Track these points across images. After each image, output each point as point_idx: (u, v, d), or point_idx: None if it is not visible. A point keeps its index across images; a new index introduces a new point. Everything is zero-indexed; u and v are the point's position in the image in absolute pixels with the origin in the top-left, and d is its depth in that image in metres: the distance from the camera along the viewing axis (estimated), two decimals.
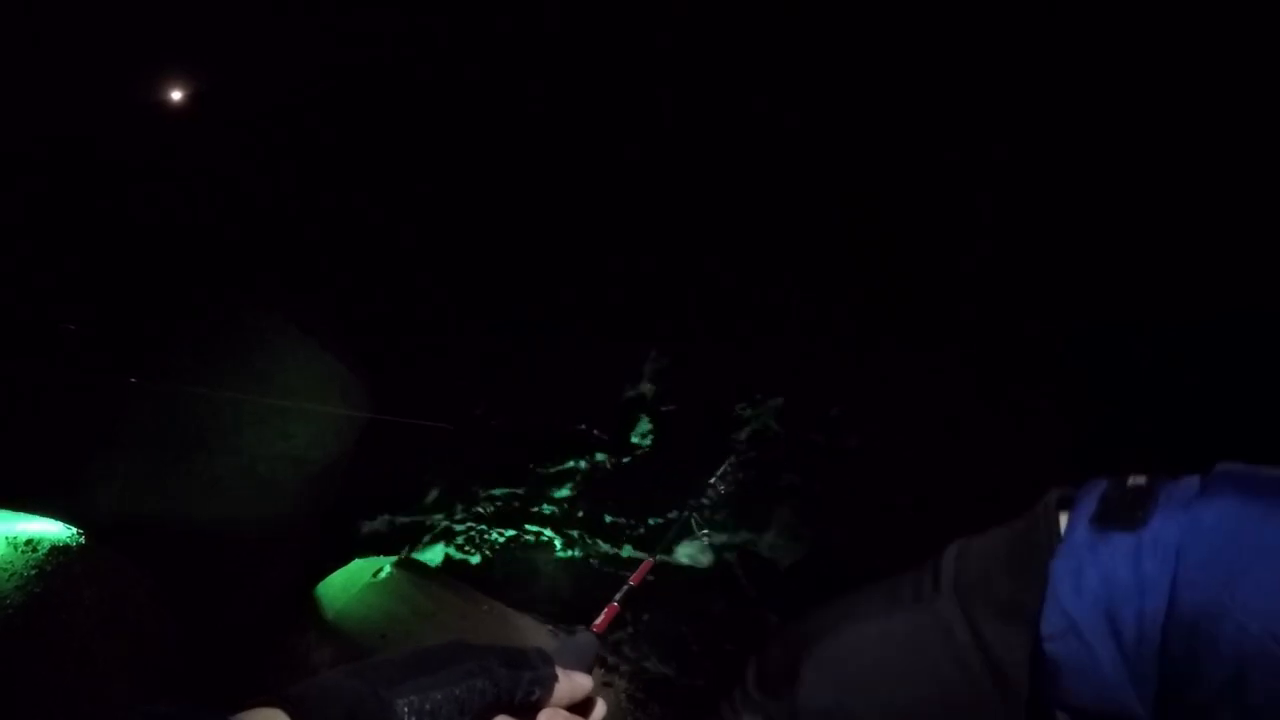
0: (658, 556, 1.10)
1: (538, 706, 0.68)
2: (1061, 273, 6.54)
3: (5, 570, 5.94)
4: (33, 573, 5.95)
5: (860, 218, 7.08)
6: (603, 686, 6.43)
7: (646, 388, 7.72)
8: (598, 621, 0.92)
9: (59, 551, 6.15)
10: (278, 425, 6.89)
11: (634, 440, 7.71)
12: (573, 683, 0.71)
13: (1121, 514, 0.48)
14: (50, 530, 6.28)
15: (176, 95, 8.20)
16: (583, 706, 0.74)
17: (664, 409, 7.68)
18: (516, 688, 0.65)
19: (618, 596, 0.99)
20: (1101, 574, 0.46)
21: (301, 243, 7.69)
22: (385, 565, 8.18)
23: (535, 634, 6.82)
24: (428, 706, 0.58)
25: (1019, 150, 6.53)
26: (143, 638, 5.84)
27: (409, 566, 8.03)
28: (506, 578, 7.78)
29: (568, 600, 7.62)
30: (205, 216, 7.35)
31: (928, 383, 6.64)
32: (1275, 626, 0.39)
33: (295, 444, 7.07)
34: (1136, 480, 0.50)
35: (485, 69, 7.82)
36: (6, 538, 6.16)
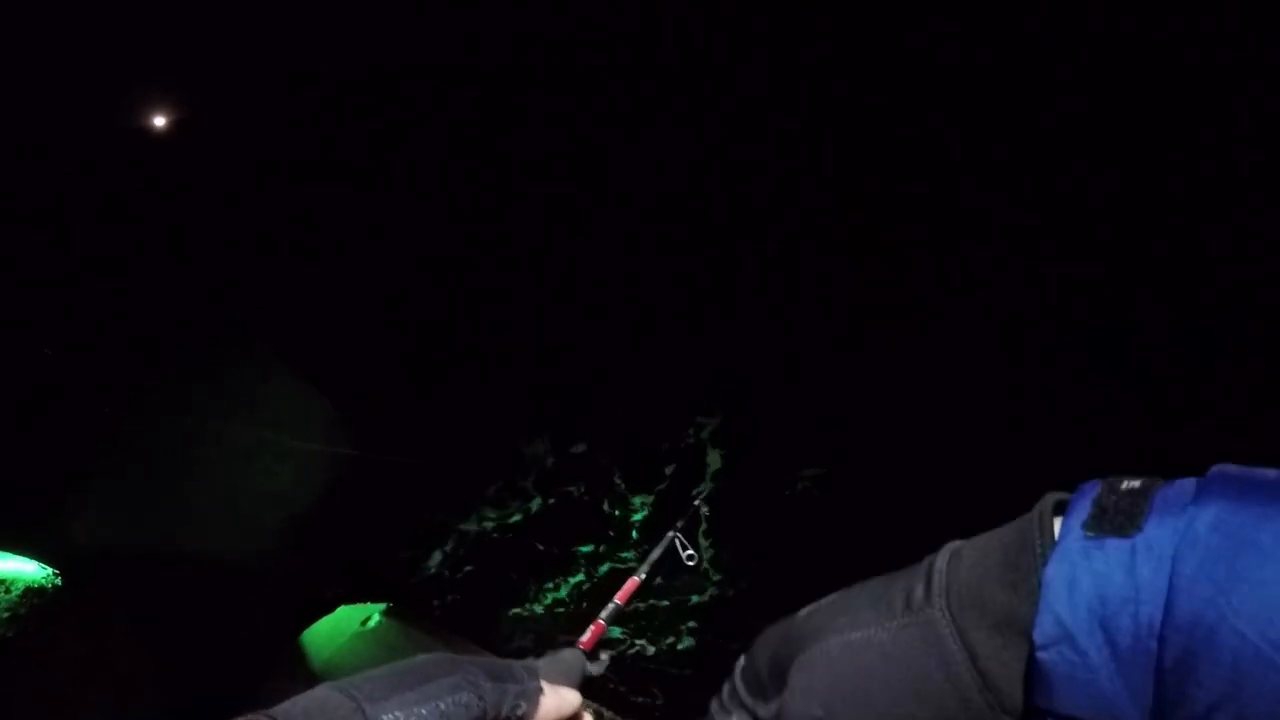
0: (643, 576, 1.10)
1: None
2: (1061, 272, 6.50)
3: None
4: (6, 615, 5.74)
5: (860, 217, 7.06)
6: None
7: (648, 401, 7.64)
8: (584, 639, 0.91)
9: (34, 593, 5.94)
10: (262, 462, 6.70)
11: (624, 464, 7.61)
12: (560, 697, 0.71)
13: (1116, 519, 0.47)
14: (25, 570, 6.05)
15: (162, 115, 8.12)
16: None
17: (653, 426, 7.59)
18: (502, 701, 0.65)
19: (604, 615, 0.98)
20: (1095, 581, 0.45)
21: (291, 269, 7.59)
22: (374, 613, 7.99)
23: None
24: None
25: (1019, 150, 6.52)
26: (122, 682, 5.64)
27: (398, 615, 7.83)
28: (498, 626, 7.62)
29: (561, 647, 7.36)
30: (191, 241, 7.26)
31: (928, 383, 6.58)
32: (1272, 632, 0.39)
33: (280, 482, 6.85)
34: (1131, 483, 0.49)
35: (483, 90, 7.80)
36: None
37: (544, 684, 0.70)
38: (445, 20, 7.86)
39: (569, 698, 0.72)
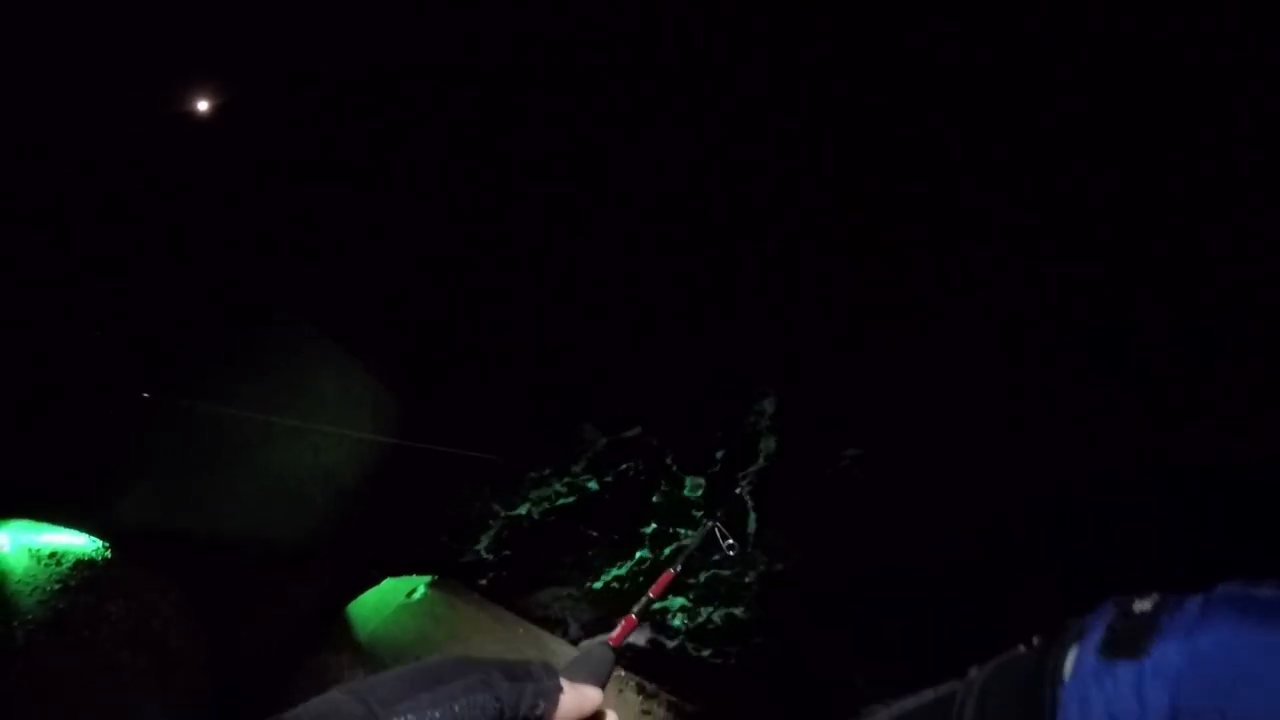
0: (679, 568, 1.06)
1: None
2: (1061, 272, 6.49)
3: (28, 584, 5.68)
4: (56, 587, 5.73)
5: (860, 217, 7.06)
6: (641, 715, 6.25)
7: (671, 401, 7.67)
8: (613, 635, 0.88)
9: (84, 565, 5.92)
10: (309, 439, 6.74)
11: (661, 454, 7.65)
12: (580, 695, 0.70)
13: (1127, 643, 0.52)
14: (75, 543, 6.02)
15: (200, 103, 8.15)
16: None
17: (688, 423, 7.61)
18: (519, 702, 0.64)
19: (635, 609, 0.95)
20: (1106, 702, 0.50)
21: (334, 254, 7.60)
22: (419, 586, 8.02)
23: (569, 656, 6.61)
24: None
25: (1019, 150, 6.52)
26: (169, 654, 5.62)
27: (443, 587, 7.84)
28: (542, 599, 7.67)
29: (602, 621, 7.51)
30: (237, 225, 7.29)
31: (929, 385, 6.57)
32: None
33: (326, 459, 6.92)
34: (1142, 605, 0.54)
35: (483, 90, 7.82)
36: (30, 550, 5.89)
37: (564, 682, 0.69)
38: (445, 20, 7.87)
39: (590, 695, 0.71)
